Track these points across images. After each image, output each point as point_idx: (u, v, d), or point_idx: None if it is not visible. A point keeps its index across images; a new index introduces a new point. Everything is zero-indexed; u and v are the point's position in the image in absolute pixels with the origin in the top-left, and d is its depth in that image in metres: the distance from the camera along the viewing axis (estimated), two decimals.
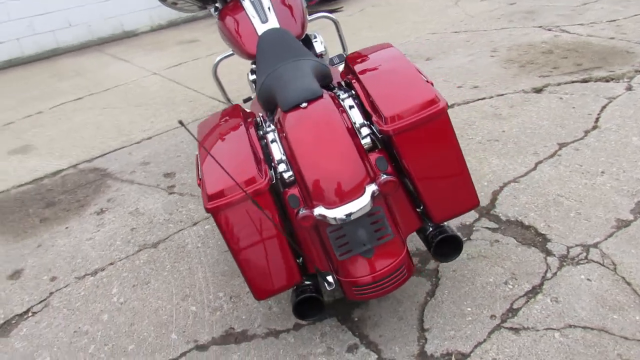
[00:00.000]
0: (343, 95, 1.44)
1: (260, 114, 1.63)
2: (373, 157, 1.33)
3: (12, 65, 5.37)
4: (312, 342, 1.45)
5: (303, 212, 1.23)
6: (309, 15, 2.51)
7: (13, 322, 1.70)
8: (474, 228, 1.82)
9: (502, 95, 2.82)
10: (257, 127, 1.51)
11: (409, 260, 1.31)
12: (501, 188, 2.02)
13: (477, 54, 3.52)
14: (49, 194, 2.53)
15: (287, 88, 1.44)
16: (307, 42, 2.19)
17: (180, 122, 0.96)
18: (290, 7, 2.03)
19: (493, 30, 3.99)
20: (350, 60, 1.62)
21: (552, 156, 2.17)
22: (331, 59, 2.50)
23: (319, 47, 2.14)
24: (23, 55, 5.42)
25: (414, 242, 1.78)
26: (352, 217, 1.21)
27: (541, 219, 1.80)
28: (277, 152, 1.38)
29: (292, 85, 1.44)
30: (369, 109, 1.37)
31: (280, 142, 1.39)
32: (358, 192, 1.24)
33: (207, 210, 1.26)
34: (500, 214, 1.87)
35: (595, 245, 1.64)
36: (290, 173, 1.32)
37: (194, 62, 4.45)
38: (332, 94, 1.44)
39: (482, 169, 2.16)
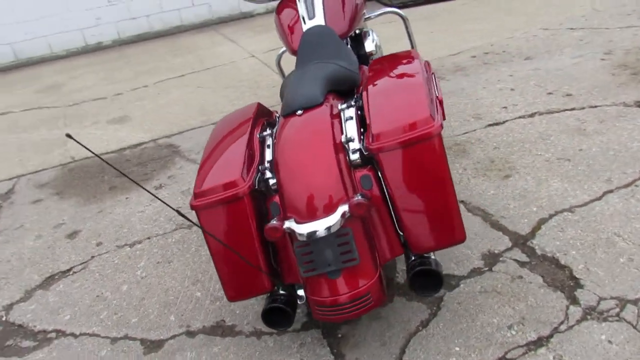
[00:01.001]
0: (343, 106, 1.37)
1: (276, 115, 1.63)
2: (359, 174, 1.26)
3: (141, 39, 5.93)
4: (289, 350, 1.44)
5: (272, 223, 1.21)
6: (393, 7, 2.41)
7: (56, 277, 1.93)
8: (500, 258, 1.64)
9: (595, 107, 2.47)
10: (265, 128, 1.51)
11: (379, 289, 1.23)
12: (550, 216, 1.79)
13: (586, 55, 3.11)
14: (125, 164, 2.79)
15: (291, 92, 1.41)
16: (358, 39, 2.11)
17: (68, 135, 0.99)
18: (341, 3, 1.97)
19: (616, 28, 3.48)
20: (371, 66, 1.54)
21: (627, 186, 1.87)
22: None
23: (369, 45, 2.05)
24: (151, 31, 5.96)
25: None
26: (317, 236, 1.16)
27: (582, 260, 1.57)
28: (267, 157, 1.37)
29: (295, 90, 1.41)
30: (367, 122, 1.30)
31: (273, 147, 1.38)
32: (330, 210, 1.18)
33: (191, 207, 1.30)
34: (536, 247, 1.66)
35: (635, 302, 1.39)
36: (275, 180, 1.30)
37: None
38: (333, 104, 1.38)
39: (538, 192, 1.93)
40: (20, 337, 1.65)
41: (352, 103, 1.37)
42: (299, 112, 1.34)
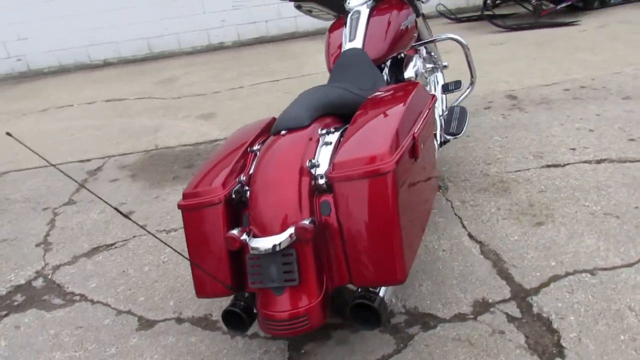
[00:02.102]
0: (323, 131, 1.40)
1: None
2: (321, 199, 1.30)
3: (258, 42, 6.36)
4: (253, 354, 1.51)
5: (232, 232, 1.29)
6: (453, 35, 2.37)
7: (100, 249, 2.21)
8: (490, 309, 1.55)
9: None
10: (262, 142, 1.59)
11: (319, 312, 1.25)
12: (566, 275, 1.64)
13: None
14: (195, 158, 3.06)
15: (284, 112, 1.49)
16: (400, 63, 2.09)
17: (8, 133, 1.14)
18: (385, 27, 1.98)
19: None
20: (372, 95, 1.55)
21: None
22: (446, 85, 2.34)
23: (409, 72, 2.03)
24: (267, 35, 6.36)
25: (408, 300, 1.62)
26: (263, 251, 1.22)
27: (577, 328, 1.43)
28: (251, 170, 1.46)
29: (287, 111, 1.48)
30: None
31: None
32: (281, 229, 1.24)
33: (178, 206, 1.44)
34: (535, 304, 1.54)
35: None
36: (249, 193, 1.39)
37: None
38: (316, 128, 1.41)
39: (565, 246, 1.77)
40: (54, 295, 1.93)
41: (333, 129, 1.41)
42: (283, 132, 1.42)
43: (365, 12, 2.05)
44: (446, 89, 2.39)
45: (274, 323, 1.26)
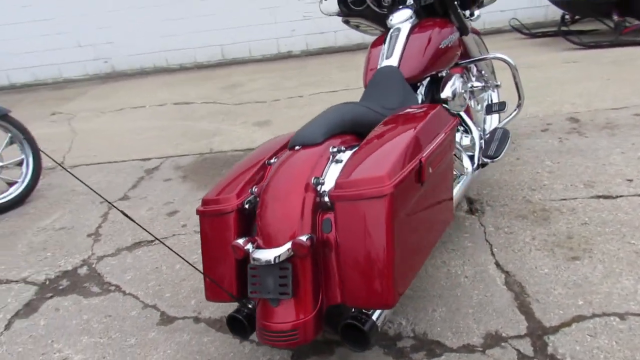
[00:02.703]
0: (335, 149, 1.41)
1: None
2: (323, 216, 1.31)
3: (325, 52, 6.45)
4: None
5: (238, 242, 1.34)
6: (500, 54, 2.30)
7: (141, 244, 2.35)
8: (502, 343, 1.48)
9: None
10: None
11: (310, 328, 1.26)
12: (593, 316, 1.54)
13: None
14: None
15: (301, 128, 1.52)
16: (436, 83, 2.05)
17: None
18: (423, 46, 1.96)
19: None
20: (390, 116, 1.55)
21: None
22: (489, 106, 2.27)
23: (446, 91, 1.98)
24: (335, 45, 6.44)
25: (419, 324, 1.59)
26: (262, 263, 1.26)
27: None
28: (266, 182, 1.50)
29: (305, 127, 1.50)
30: None
31: None
32: (282, 242, 1.27)
33: (196, 212, 1.51)
34: (550, 344, 1.45)
35: None
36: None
37: None
38: (329, 146, 1.42)
39: (598, 285, 1.66)
40: (94, 283, 2.09)
41: (344, 148, 1.41)
42: (297, 147, 1.45)
43: (405, 29, 2.04)
44: (490, 110, 2.31)
45: (267, 333, 1.28)
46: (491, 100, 2.70)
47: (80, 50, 6.60)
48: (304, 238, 1.23)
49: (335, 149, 1.41)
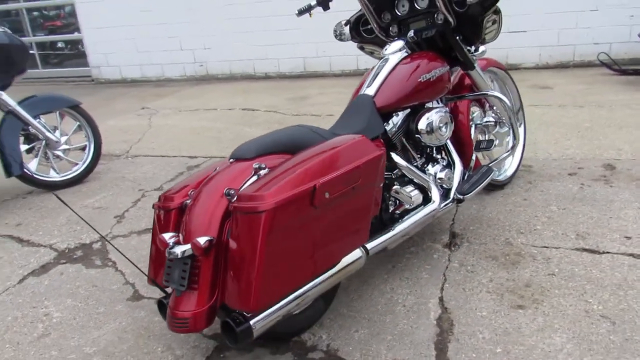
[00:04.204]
0: (256, 165, 1.54)
1: None
2: (230, 223, 1.46)
3: None
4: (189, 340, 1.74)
5: (163, 235, 1.53)
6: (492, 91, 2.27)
7: (150, 230, 2.65)
8: None
9: None
10: None
11: (200, 319, 1.41)
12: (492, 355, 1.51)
13: None
14: None
15: (243, 143, 1.68)
16: (414, 112, 2.09)
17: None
18: (403, 78, 2.03)
19: None
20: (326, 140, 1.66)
21: None
22: (478, 142, 2.27)
23: (421, 123, 2.02)
24: None
25: (336, 340, 1.66)
26: (172, 256, 1.44)
27: None
28: None
29: (246, 143, 1.66)
30: None
31: None
32: (188, 241, 1.45)
33: (152, 205, 1.74)
34: None
35: None
36: None
37: (546, 107, 4.29)
38: (256, 162, 1.57)
39: (528, 337, 1.62)
40: (99, 257, 2.41)
41: (264, 166, 1.55)
42: (231, 160, 1.62)
43: (393, 60, 2.11)
44: (477, 147, 2.29)
45: (168, 318, 1.47)
46: (515, 138, 2.63)
47: (181, 53, 7.33)
48: (202, 240, 1.40)
49: (257, 166, 1.55)
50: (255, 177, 1.52)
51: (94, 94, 6.87)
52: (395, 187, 1.89)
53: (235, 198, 1.42)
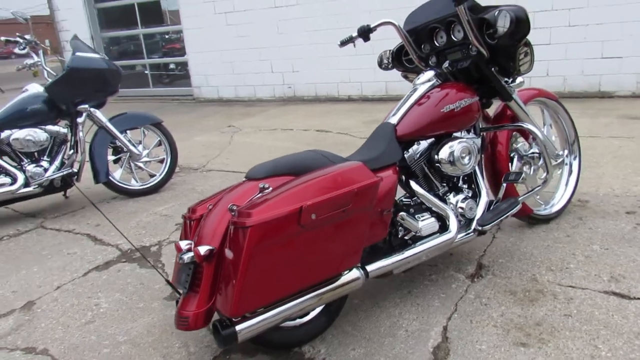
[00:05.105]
0: (261, 185, 1.69)
1: None
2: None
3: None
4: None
5: (179, 241, 1.73)
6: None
7: None
8: None
9: None
10: None
11: (198, 320, 1.57)
12: None
13: None
14: None
15: (256, 165, 1.84)
16: (440, 141, 2.11)
17: None
18: (427, 108, 2.09)
19: None
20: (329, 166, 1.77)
21: None
22: (507, 175, 2.24)
23: (442, 153, 2.05)
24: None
25: (333, 355, 1.74)
26: (180, 261, 1.63)
27: None
28: None
29: (258, 165, 1.82)
30: None
31: None
32: (196, 246, 1.63)
33: (182, 216, 1.97)
34: None
35: None
36: None
37: (626, 140, 4.07)
38: (265, 183, 1.72)
39: None
40: (152, 259, 2.71)
41: (268, 186, 1.68)
42: (244, 179, 1.79)
43: (421, 90, 2.17)
44: (506, 178, 2.24)
45: (175, 315, 1.66)
46: (548, 172, 2.51)
47: (272, 75, 7.79)
48: (203, 248, 1.58)
49: (262, 185, 1.70)
50: (258, 196, 1.67)
51: (191, 112, 7.54)
52: (401, 213, 1.94)
53: (235, 213, 1.59)
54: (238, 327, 1.53)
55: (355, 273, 1.75)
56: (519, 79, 2.32)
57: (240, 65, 7.96)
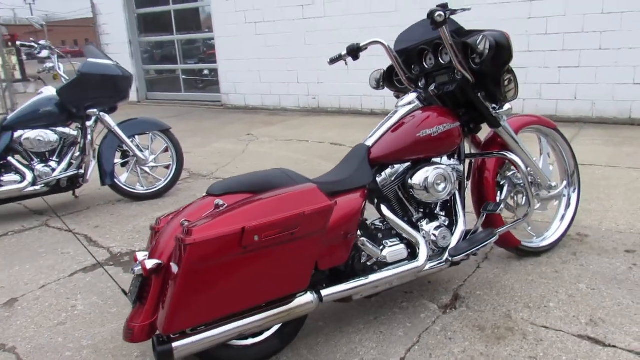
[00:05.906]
0: (216, 202, 1.68)
1: None
2: None
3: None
4: None
5: (137, 252, 1.75)
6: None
7: None
8: None
9: None
10: None
11: (141, 332, 1.58)
12: None
13: None
14: None
15: (218, 181, 1.84)
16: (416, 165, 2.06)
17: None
18: (403, 131, 2.05)
19: None
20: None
21: None
22: (485, 205, 2.16)
23: (416, 177, 2.00)
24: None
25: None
26: (133, 272, 1.64)
27: None
28: None
29: (220, 181, 1.82)
30: None
31: None
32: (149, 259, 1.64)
33: (150, 227, 2.00)
34: None
35: None
36: None
37: None
38: (220, 199, 1.71)
39: None
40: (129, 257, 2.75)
41: (223, 203, 1.68)
42: (204, 195, 1.79)
43: (401, 113, 2.13)
44: (485, 207, 2.16)
45: (124, 325, 1.67)
46: (530, 205, 2.39)
47: (297, 85, 7.84)
48: (150, 262, 1.59)
49: (217, 202, 1.70)
50: (209, 212, 1.67)
51: (216, 118, 7.67)
52: (362, 239, 1.89)
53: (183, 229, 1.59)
54: (175, 344, 1.53)
55: (308, 297, 1.72)
56: (506, 106, 2.24)
57: (267, 75, 8.05)
